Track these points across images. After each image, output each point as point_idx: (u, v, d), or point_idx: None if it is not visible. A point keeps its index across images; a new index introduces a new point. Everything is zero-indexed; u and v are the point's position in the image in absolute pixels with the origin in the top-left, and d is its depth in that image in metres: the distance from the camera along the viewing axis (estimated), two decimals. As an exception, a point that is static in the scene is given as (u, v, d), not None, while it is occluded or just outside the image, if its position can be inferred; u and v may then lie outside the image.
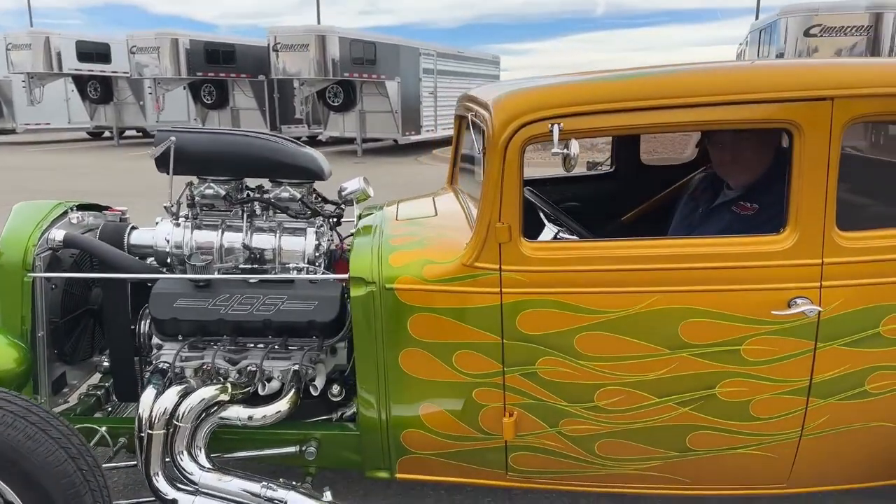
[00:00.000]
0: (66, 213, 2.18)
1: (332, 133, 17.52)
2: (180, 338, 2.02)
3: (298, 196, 2.16)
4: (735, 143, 1.95)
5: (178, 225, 2.15)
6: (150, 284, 2.03)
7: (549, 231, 2.01)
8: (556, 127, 1.62)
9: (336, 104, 17.09)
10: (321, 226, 2.18)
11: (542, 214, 2.11)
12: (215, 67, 16.59)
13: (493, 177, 1.72)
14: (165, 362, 2.01)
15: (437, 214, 2.25)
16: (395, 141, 17.21)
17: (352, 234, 2.27)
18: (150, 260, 2.20)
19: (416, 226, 2.13)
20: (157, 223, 2.23)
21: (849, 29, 10.59)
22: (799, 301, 1.65)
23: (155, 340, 2.06)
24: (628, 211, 3.02)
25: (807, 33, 10.98)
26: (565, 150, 1.60)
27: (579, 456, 1.88)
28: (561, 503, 2.28)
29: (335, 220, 2.30)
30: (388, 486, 2.35)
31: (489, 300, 1.77)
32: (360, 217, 2.27)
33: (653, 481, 1.91)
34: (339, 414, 2.11)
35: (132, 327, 2.14)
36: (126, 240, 2.19)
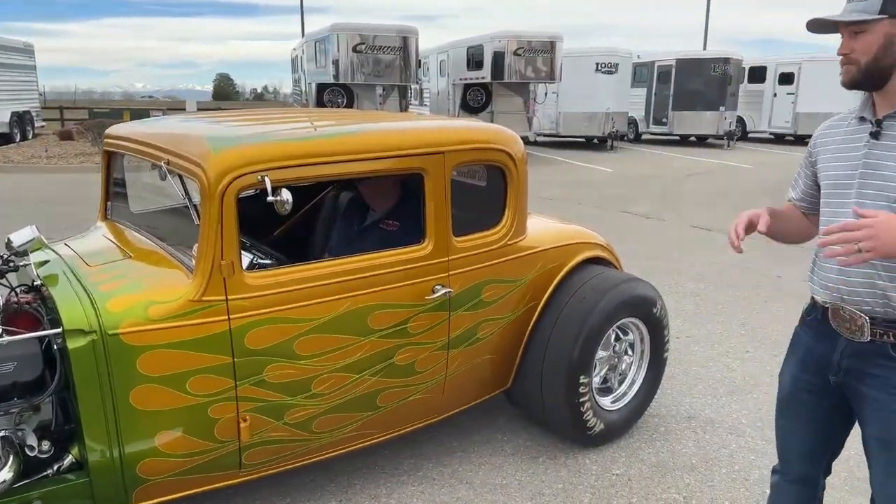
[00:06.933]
0: None
1: None
2: None
3: None
4: (378, 182, 2.65)
5: None
6: None
7: (245, 258, 2.36)
8: (266, 178, 2.01)
9: None
10: None
11: None
12: None
13: (212, 222, 2.00)
14: None
15: (131, 256, 2.33)
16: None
17: (25, 286, 2.19)
18: None
19: (118, 269, 2.20)
20: None
21: (386, 48, 12.84)
22: (438, 287, 2.43)
23: None
24: (273, 227, 3.50)
25: (355, 49, 12.86)
26: (278, 198, 2.00)
27: (301, 437, 2.33)
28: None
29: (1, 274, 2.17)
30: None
31: (218, 327, 2.06)
32: (37, 266, 2.20)
33: (355, 440, 2.49)
34: (56, 468, 2.07)
35: None
36: None
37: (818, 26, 1.59)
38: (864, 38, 1.50)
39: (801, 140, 20.36)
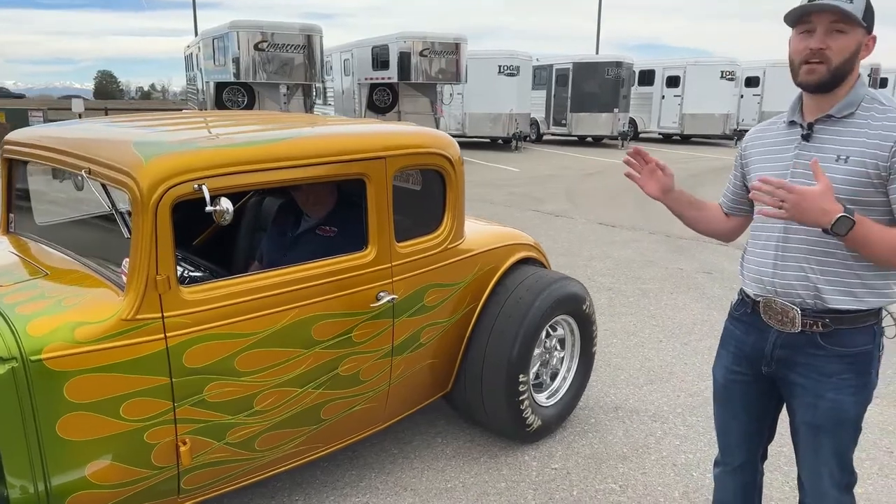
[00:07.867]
0: None
1: None
2: None
3: None
4: (313, 188, 2.57)
5: None
6: None
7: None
8: (203, 187, 1.90)
9: None
10: None
11: None
12: None
13: (145, 235, 1.87)
14: None
15: (48, 273, 2.13)
16: None
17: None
18: None
19: (37, 288, 2.01)
20: None
21: (290, 46, 12.49)
22: (382, 294, 2.40)
23: None
24: (193, 235, 3.33)
25: (256, 47, 12.43)
26: (218, 207, 1.89)
27: (243, 457, 2.22)
28: None
29: None
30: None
31: (154, 347, 1.92)
32: None
33: (299, 455, 2.41)
34: (-31, 514, 1.86)
35: None
36: None
37: (801, 12, 1.56)
38: (842, 40, 1.55)
39: (687, 139, 21.78)
